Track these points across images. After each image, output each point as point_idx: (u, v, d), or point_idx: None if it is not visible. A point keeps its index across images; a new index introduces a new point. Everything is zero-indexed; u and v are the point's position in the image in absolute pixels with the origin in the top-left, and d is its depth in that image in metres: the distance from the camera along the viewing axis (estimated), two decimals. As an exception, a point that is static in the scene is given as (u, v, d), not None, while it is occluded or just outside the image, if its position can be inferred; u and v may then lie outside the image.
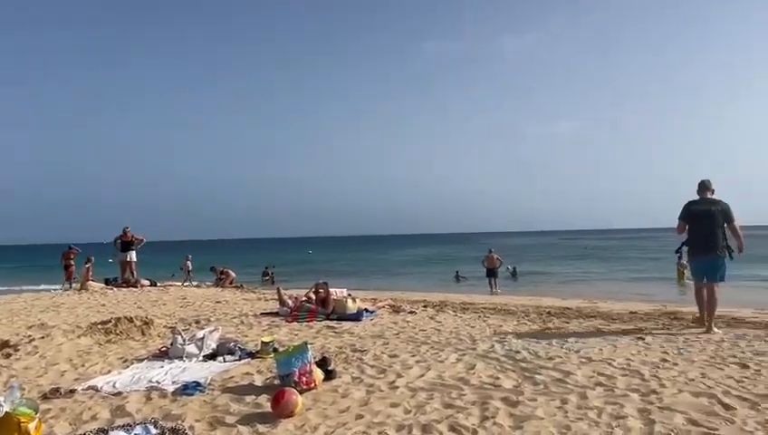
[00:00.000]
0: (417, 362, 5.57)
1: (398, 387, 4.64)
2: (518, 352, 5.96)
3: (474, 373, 5.06)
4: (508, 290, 22.95)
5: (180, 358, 5.84)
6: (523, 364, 5.38)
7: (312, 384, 4.60)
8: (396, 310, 9.79)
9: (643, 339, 6.65)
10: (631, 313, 9.72)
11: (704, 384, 4.54)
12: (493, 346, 6.30)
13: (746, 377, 4.76)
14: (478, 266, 24.87)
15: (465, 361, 5.59)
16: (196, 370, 5.42)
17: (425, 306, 10.68)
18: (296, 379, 4.54)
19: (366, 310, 9.06)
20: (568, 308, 10.80)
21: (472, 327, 7.88)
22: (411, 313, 9.51)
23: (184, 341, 6.07)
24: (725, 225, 7.33)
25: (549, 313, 9.74)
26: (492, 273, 22.87)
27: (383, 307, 10.09)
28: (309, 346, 4.90)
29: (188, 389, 4.67)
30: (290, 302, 9.45)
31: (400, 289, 20.72)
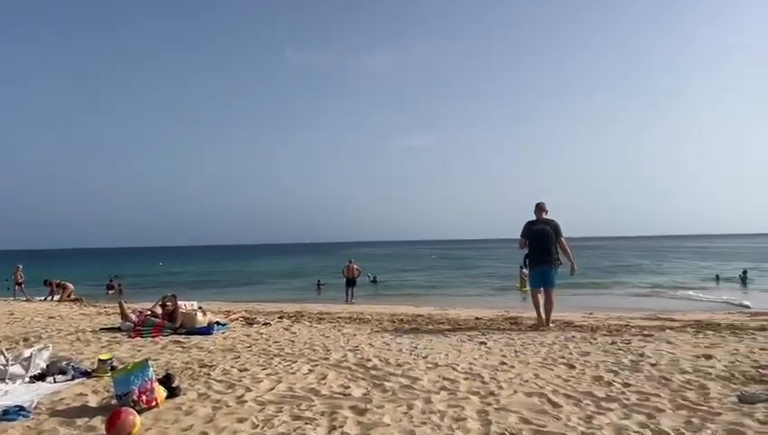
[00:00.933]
0: (268, 374, 5.48)
1: (246, 401, 4.52)
2: (369, 360, 6.07)
3: (325, 384, 5.07)
4: (367, 298, 23.41)
5: (2, 380, 5.25)
6: (374, 372, 5.48)
7: (153, 403, 4.35)
8: (249, 322, 9.57)
9: (485, 343, 7.07)
10: (477, 319, 10.29)
11: (536, 384, 4.91)
12: (345, 355, 6.36)
13: (572, 376, 5.21)
14: (341, 276, 25.05)
15: (317, 371, 5.59)
16: (20, 392, 4.91)
17: (280, 317, 10.54)
18: (135, 398, 4.26)
19: (217, 323, 8.76)
20: (420, 315, 11.21)
21: (326, 337, 7.90)
22: (266, 324, 9.35)
23: (7, 361, 5.46)
24: (557, 240, 8.63)
25: (402, 320, 10.03)
26: (351, 283, 23.18)
27: (236, 320, 9.82)
28: (151, 363, 4.64)
29: (9, 414, 4.21)
30: (133, 316, 8.88)
31: (257, 300, 20.32)
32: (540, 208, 8.78)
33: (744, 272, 30.09)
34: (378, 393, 4.70)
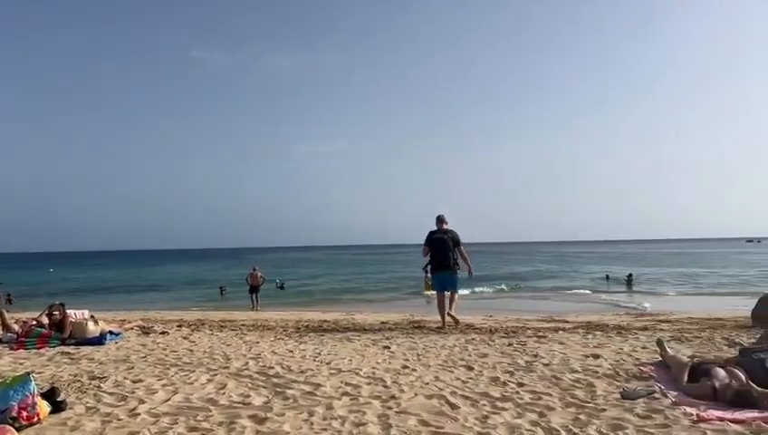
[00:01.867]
0: (164, 385, 5.26)
1: (139, 414, 4.32)
2: (272, 367, 5.98)
3: (224, 393, 4.94)
4: (274, 305, 23.10)
5: None
6: (276, 380, 5.40)
7: (35, 419, 4.06)
8: (146, 331, 9.16)
9: (389, 348, 7.15)
10: (382, 323, 10.40)
11: (436, 387, 5.02)
12: (247, 364, 6.22)
13: (471, 378, 5.38)
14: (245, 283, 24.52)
15: (217, 380, 5.43)
16: None
17: (180, 326, 10.17)
18: (15, 414, 3.97)
19: (111, 332, 8.32)
20: (326, 321, 11.16)
21: (228, 345, 7.70)
22: (163, 333, 8.98)
23: None
24: (456, 248, 9.42)
25: (307, 326, 9.95)
26: (255, 289, 22.81)
27: (132, 329, 9.37)
28: (33, 376, 4.34)
29: None
30: (16, 326, 8.26)
31: (156, 308, 19.55)
32: (440, 220, 9.57)
33: (630, 275, 32.70)
34: (279, 401, 4.63)
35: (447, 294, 9.45)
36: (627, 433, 3.72)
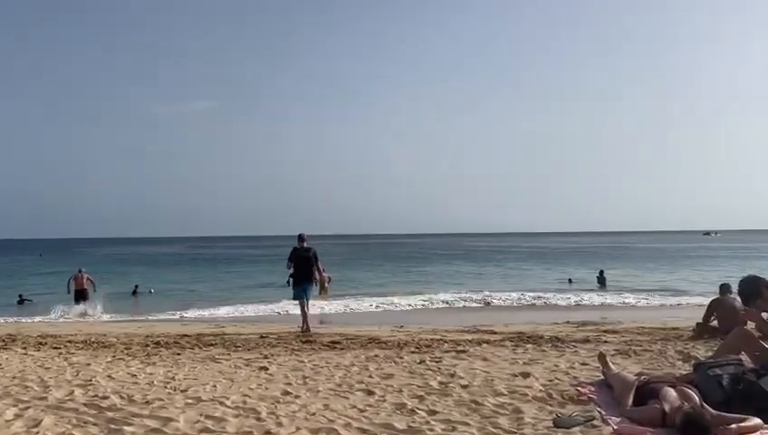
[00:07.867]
0: (-51, 425, 4.93)
1: None
2: (106, 397, 5.75)
3: (38, 432, 4.70)
4: (121, 314, 22.26)
5: None
6: (111, 413, 5.21)
7: None
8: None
9: (267, 369, 7.09)
10: (261, 337, 10.31)
11: (325, 418, 5.01)
12: (72, 393, 5.97)
13: (370, 405, 5.42)
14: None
15: (28, 416, 5.17)
16: None
17: (-19, 344, 9.60)
18: None
19: None
20: (186, 335, 10.90)
21: (46, 369, 7.37)
22: (-44, 354, 8.44)
23: None
24: (316, 262, 12.81)
25: (159, 343, 9.70)
26: (81, 296, 21.80)
27: None
28: None
29: None
30: None
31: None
32: (301, 239, 12.97)
33: (601, 272, 32.23)
34: (113, 442, 4.46)
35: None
36: (558, 470, 3.86)
